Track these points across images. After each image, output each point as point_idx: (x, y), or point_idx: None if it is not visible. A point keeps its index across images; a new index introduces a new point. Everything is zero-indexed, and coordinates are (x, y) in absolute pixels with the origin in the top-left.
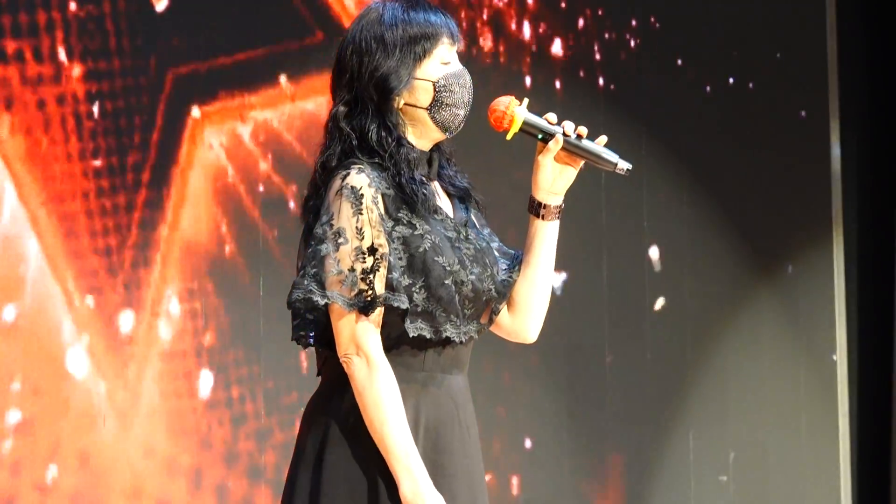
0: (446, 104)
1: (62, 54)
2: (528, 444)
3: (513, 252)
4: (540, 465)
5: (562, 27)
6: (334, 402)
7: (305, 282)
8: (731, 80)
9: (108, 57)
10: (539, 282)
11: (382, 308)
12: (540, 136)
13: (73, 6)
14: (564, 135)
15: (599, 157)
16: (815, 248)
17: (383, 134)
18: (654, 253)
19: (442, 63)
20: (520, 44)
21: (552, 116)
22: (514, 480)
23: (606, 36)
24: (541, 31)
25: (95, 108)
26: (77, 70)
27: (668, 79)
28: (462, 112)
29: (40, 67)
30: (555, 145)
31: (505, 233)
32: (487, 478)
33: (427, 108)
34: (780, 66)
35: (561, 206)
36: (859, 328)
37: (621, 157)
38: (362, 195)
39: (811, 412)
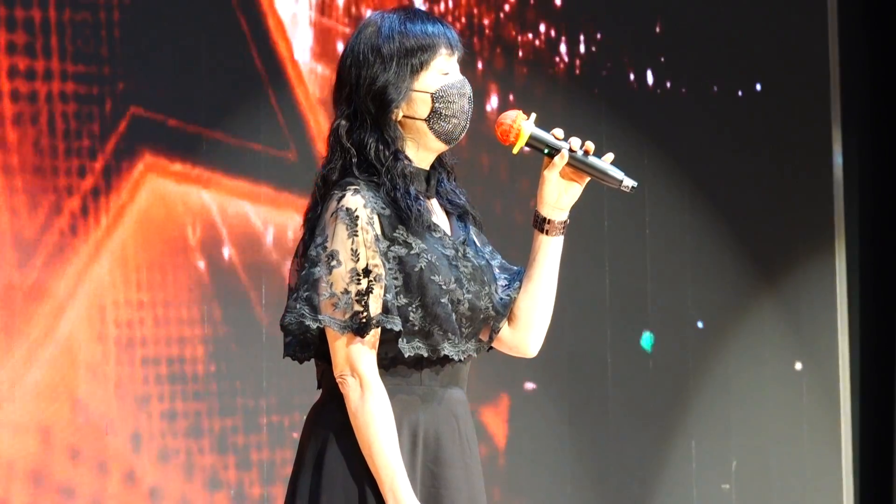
0: (444, 115)
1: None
2: (529, 452)
3: (515, 269)
4: (542, 473)
5: (562, 35)
6: (333, 413)
7: (298, 305)
8: (732, 88)
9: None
10: (541, 297)
11: (378, 329)
12: (546, 151)
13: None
14: (571, 150)
15: (605, 174)
16: (816, 256)
17: (381, 147)
18: (655, 260)
19: (441, 74)
20: (519, 53)
21: (559, 132)
22: (517, 489)
23: (607, 43)
24: (541, 39)
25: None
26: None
27: (669, 86)
28: (462, 122)
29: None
30: (560, 160)
31: (508, 248)
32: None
33: (425, 120)
34: (782, 73)
35: (566, 221)
36: (861, 336)
37: (626, 171)
38: (357, 217)
39: (813, 420)
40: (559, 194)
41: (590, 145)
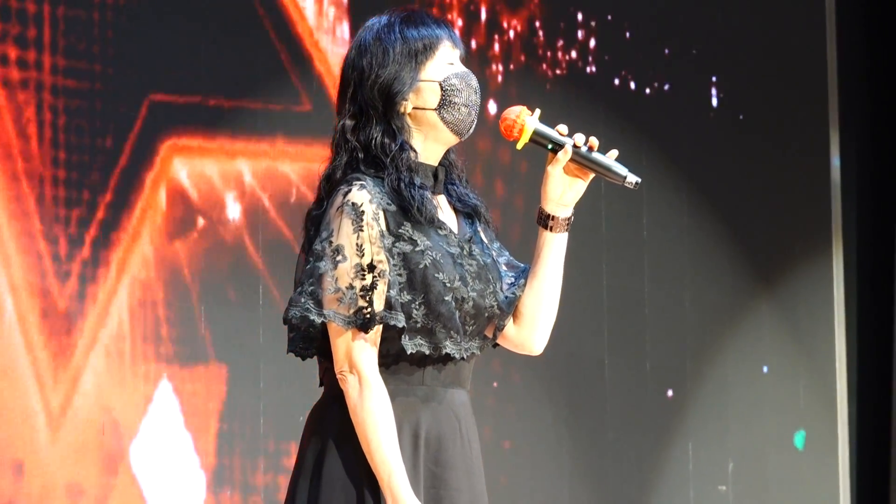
0: (455, 103)
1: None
2: (528, 454)
3: (521, 266)
4: (540, 475)
5: (562, 39)
6: (334, 413)
7: (302, 299)
8: (731, 91)
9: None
10: (546, 294)
11: (380, 326)
12: (550, 147)
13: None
14: (575, 146)
15: (609, 170)
16: (814, 258)
17: (387, 140)
18: (653, 261)
19: (447, 64)
20: (520, 55)
21: (563, 128)
22: (515, 491)
23: (606, 47)
24: (541, 42)
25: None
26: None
27: (667, 87)
28: (472, 112)
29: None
30: (564, 156)
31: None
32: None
33: (436, 109)
34: (779, 75)
35: (570, 218)
36: (859, 339)
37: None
38: (363, 211)
39: (810, 422)
40: (563, 190)
41: (594, 141)
